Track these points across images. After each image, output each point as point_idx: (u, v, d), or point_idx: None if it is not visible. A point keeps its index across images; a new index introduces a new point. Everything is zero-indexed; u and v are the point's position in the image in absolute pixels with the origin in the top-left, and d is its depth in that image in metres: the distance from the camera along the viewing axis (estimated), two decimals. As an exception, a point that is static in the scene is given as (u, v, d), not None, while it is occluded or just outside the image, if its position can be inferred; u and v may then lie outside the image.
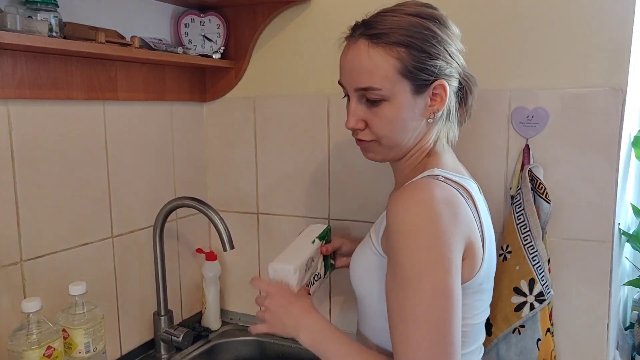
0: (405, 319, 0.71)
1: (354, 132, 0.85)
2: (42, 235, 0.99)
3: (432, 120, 0.82)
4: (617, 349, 1.15)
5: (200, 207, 1.10)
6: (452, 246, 0.72)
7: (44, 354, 0.86)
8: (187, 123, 1.34)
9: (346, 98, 0.85)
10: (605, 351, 1.04)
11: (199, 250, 1.38)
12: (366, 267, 0.86)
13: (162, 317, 1.20)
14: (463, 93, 0.86)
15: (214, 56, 1.29)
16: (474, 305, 0.82)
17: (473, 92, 0.87)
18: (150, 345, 1.23)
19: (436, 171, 0.80)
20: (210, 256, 1.36)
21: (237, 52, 1.32)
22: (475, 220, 0.78)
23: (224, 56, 1.31)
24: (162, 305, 1.20)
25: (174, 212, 1.21)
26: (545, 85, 1.03)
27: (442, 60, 0.79)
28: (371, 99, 0.80)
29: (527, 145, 1.06)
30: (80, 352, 0.94)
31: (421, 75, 0.78)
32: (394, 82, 0.77)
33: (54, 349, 0.87)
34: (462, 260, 0.75)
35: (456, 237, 0.73)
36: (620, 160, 1.01)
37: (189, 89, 1.33)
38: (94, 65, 1.06)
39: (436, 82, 0.79)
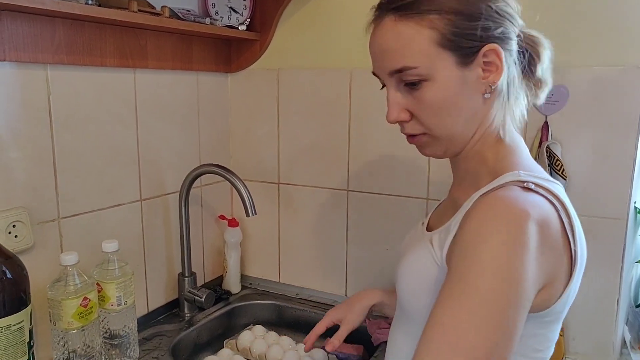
0: (451, 331, 0.57)
1: (401, 126, 0.72)
2: (77, 196, 1.04)
3: (489, 95, 0.67)
4: (626, 324, 1.18)
5: (225, 174, 1.14)
6: (531, 280, 0.58)
7: (80, 304, 0.92)
8: (212, 93, 1.38)
9: (385, 89, 0.72)
10: (614, 325, 1.07)
11: (222, 217, 1.43)
12: (423, 280, 0.70)
13: (186, 278, 1.26)
14: (528, 60, 0.70)
15: (239, 28, 1.32)
16: (548, 336, 0.69)
17: (542, 57, 0.70)
18: (174, 304, 1.30)
19: (522, 175, 0.64)
20: (232, 223, 1.41)
21: (262, 25, 1.35)
22: (570, 239, 0.64)
23: (249, 28, 1.34)
24: (186, 267, 1.26)
25: (199, 180, 1.26)
26: (567, 64, 1.04)
27: (488, 19, 0.65)
28: (410, 82, 0.66)
29: (546, 122, 1.08)
30: (112, 305, 1.00)
31: (464, 41, 0.64)
32: (432, 57, 0.65)
33: (89, 300, 0.93)
34: (541, 289, 0.62)
35: (539, 270, 0.59)
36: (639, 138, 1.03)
37: (215, 59, 1.36)
38: (126, 34, 1.10)
39: (485, 48, 0.65)
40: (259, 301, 1.38)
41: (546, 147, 1.06)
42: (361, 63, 1.22)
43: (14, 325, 0.80)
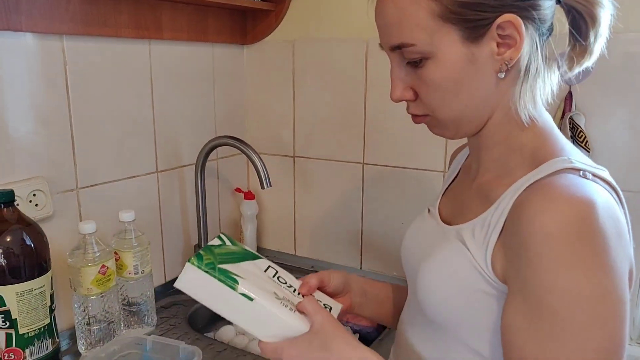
0: None
1: (407, 105, 0.66)
2: (95, 166, 1.06)
3: (504, 75, 0.58)
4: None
5: (240, 146, 1.15)
6: (624, 280, 0.52)
7: (99, 271, 0.94)
8: (227, 65, 1.37)
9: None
10: (635, 300, 1.06)
11: (238, 190, 1.44)
12: (461, 290, 0.60)
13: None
14: (573, 22, 0.61)
15: (255, -2, 1.31)
16: None
17: (598, 19, 0.59)
18: (191, 275, 1.32)
19: (575, 162, 0.56)
20: (249, 195, 1.42)
21: (277, -5, 1.33)
22: (629, 230, 0.58)
23: (264, -2, 1.33)
24: (202, 239, 1.28)
25: (215, 152, 1.26)
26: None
27: None
28: (411, 60, 0.60)
29: (569, 93, 1.05)
30: (129, 273, 1.02)
31: (471, 13, 0.55)
32: (432, 32, 0.57)
33: (107, 267, 0.96)
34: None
35: (624, 265, 0.53)
36: (664, 110, 0.99)
37: (230, 31, 1.35)
38: (140, 5, 1.10)
39: (500, 19, 0.55)
40: (274, 273, 1.40)
41: (569, 118, 1.03)
42: (377, 33, 1.20)
43: (35, 289, 0.82)
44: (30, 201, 0.93)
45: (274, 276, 0.71)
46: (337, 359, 0.61)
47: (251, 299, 0.63)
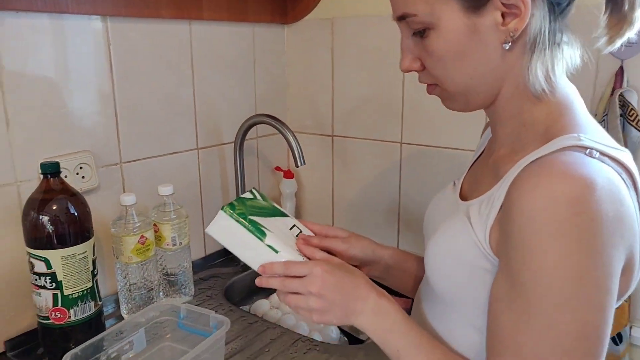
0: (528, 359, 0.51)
1: (418, 76, 0.66)
2: (137, 142, 1.11)
3: (509, 46, 0.57)
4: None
5: (274, 124, 1.16)
6: (612, 268, 0.50)
7: (138, 241, 1.00)
8: (268, 44, 1.39)
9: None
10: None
11: (277, 169, 1.47)
12: (458, 262, 0.61)
13: (241, 225, 1.32)
14: None
15: (295, -23, 1.31)
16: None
17: None
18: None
19: (583, 139, 0.53)
20: (288, 174, 1.45)
21: (317, -27, 1.33)
22: (637, 216, 0.54)
23: (305, -23, 1.33)
24: (241, 214, 1.32)
25: (254, 131, 1.29)
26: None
27: None
28: (416, 31, 0.60)
29: (621, 68, 0.98)
30: (168, 244, 1.07)
31: None
32: (432, 2, 0.57)
33: (147, 238, 1.01)
34: (622, 271, 0.53)
35: (617, 253, 0.51)
36: None
37: (271, 10, 1.36)
38: (181, -14, 1.13)
39: None
40: (312, 250, 1.42)
41: (619, 94, 0.97)
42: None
43: (78, 254, 0.88)
44: (77, 173, 1.00)
45: (297, 235, 0.75)
46: (361, 277, 0.65)
47: (276, 252, 0.67)
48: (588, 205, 0.48)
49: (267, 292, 1.30)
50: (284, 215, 0.78)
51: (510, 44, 0.57)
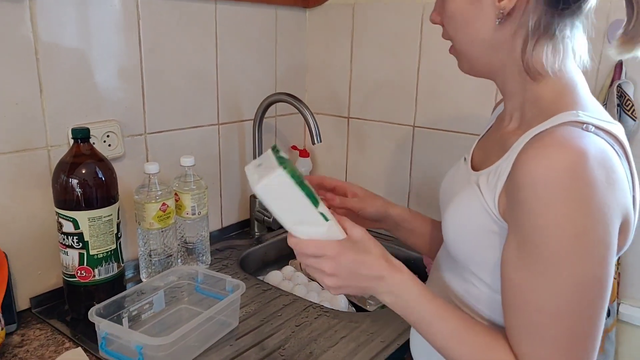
0: (540, 310, 0.57)
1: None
2: (162, 114, 1.16)
3: (499, 22, 0.63)
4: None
5: (294, 102, 1.20)
6: (609, 226, 0.55)
7: (159, 208, 1.05)
8: (290, 26, 1.42)
9: None
10: None
11: (294, 147, 1.51)
12: (471, 226, 0.66)
13: (257, 200, 1.37)
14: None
15: (318, -39, 1.34)
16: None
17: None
18: (245, 224, 1.42)
19: (581, 116, 0.59)
20: (304, 153, 1.49)
21: (341, -43, 1.36)
22: (629, 182, 0.60)
23: (328, -39, 1.36)
24: (257, 190, 1.36)
25: (274, 109, 1.33)
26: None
27: None
28: None
29: (620, 61, 1.01)
30: (187, 213, 1.12)
31: None
32: None
33: (168, 206, 1.06)
34: (620, 227, 0.59)
35: (613, 212, 0.56)
36: None
37: (294, -7, 1.40)
38: (208, -35, 1.17)
39: None
40: (324, 229, 1.46)
41: (617, 85, 1.00)
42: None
43: (104, 216, 0.94)
44: (104, 141, 1.05)
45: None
46: (376, 258, 0.65)
47: (327, 220, 0.65)
48: (583, 172, 0.53)
49: (279, 265, 1.35)
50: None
51: (500, 20, 0.64)
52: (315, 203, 0.64)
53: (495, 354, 0.61)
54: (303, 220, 0.65)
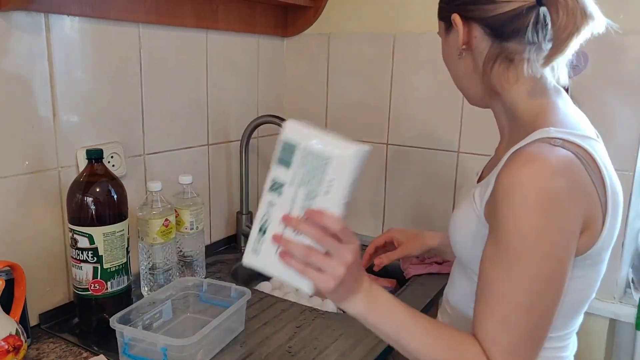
0: (505, 297, 0.66)
1: None
2: (158, 136, 1.23)
3: (461, 57, 0.77)
4: (631, 268, 1.30)
5: (281, 124, 1.31)
6: (569, 229, 0.65)
7: (163, 224, 1.12)
8: (270, 54, 1.54)
9: None
10: (619, 265, 1.20)
11: (274, 166, 1.61)
12: (468, 232, 0.78)
13: (244, 216, 1.46)
14: (539, 20, 0.70)
15: (296, -5, 1.47)
16: (592, 277, 0.74)
17: (555, 16, 0.67)
18: (232, 239, 1.50)
19: (552, 132, 0.68)
20: (283, 171, 1.59)
21: (316, -8, 1.50)
22: (597, 187, 0.67)
23: (305, -4, 1.49)
24: (244, 206, 1.45)
25: (256, 131, 1.43)
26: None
27: None
28: None
29: (567, 87, 1.19)
30: (186, 228, 1.20)
31: (442, 12, 0.80)
32: (439, 24, 0.82)
33: (170, 221, 1.13)
34: (581, 233, 0.67)
35: (574, 217, 0.65)
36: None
37: (274, 24, 1.52)
38: (201, -1, 1.27)
39: (452, 15, 0.76)
40: (304, 241, 1.56)
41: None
42: (404, 28, 1.36)
43: (117, 232, 1.00)
44: (109, 162, 1.11)
45: None
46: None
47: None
48: (545, 183, 0.63)
49: (268, 277, 1.43)
50: None
51: (460, 55, 0.78)
52: None
53: (466, 347, 0.68)
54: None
